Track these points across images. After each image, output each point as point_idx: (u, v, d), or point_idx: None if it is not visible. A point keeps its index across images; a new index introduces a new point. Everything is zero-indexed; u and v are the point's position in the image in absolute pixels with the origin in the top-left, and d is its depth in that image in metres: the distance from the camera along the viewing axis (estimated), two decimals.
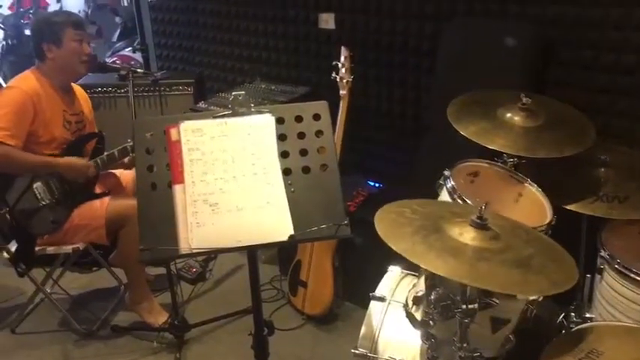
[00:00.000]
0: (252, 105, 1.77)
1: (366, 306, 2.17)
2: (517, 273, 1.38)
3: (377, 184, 3.32)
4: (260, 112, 1.75)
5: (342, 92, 2.98)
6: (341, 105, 2.97)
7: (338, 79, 2.96)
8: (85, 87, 3.16)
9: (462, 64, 2.87)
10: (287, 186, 1.68)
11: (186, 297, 3.15)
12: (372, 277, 2.29)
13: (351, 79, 2.94)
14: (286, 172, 1.69)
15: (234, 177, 1.68)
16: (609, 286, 2.10)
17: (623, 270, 2.02)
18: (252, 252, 1.79)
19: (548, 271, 1.43)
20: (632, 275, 1.98)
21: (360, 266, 2.89)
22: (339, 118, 2.95)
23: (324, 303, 2.93)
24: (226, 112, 1.76)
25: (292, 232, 1.62)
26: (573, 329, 1.60)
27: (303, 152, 1.72)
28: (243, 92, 1.79)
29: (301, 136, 1.74)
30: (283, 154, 1.71)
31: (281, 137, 1.73)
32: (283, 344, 2.81)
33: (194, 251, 1.60)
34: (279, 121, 1.74)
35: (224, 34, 4.08)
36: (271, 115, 1.74)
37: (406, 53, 3.21)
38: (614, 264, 2.05)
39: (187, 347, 2.82)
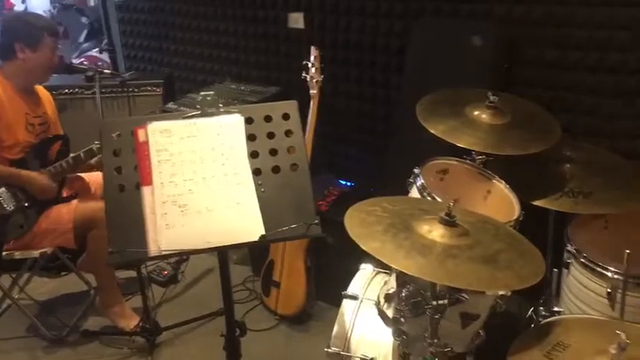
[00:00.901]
0: (221, 105, 1.77)
1: (339, 305, 2.17)
2: (485, 269, 1.40)
3: (348, 183, 3.33)
4: (229, 113, 1.74)
5: (312, 92, 2.98)
6: (311, 105, 2.97)
7: (308, 79, 2.97)
8: (51, 88, 3.10)
9: (430, 63, 2.90)
10: (257, 186, 1.67)
11: (157, 300, 3.11)
12: (345, 275, 2.30)
13: (321, 79, 2.94)
14: (256, 172, 1.69)
15: (204, 178, 1.67)
16: (576, 279, 2.14)
17: (589, 264, 2.06)
18: (222, 253, 1.78)
19: (516, 266, 1.46)
20: (598, 269, 2.03)
21: (332, 265, 2.90)
22: (309, 117, 2.96)
23: (297, 303, 2.93)
24: (195, 113, 1.74)
25: (263, 232, 1.62)
26: (541, 323, 1.63)
27: (273, 152, 1.72)
28: (211, 92, 1.78)
29: (271, 135, 1.74)
30: (253, 154, 1.71)
31: (250, 137, 1.72)
32: (257, 345, 2.80)
33: (163, 253, 1.59)
34: (249, 121, 1.73)
35: (193, 34, 4.05)
36: (240, 115, 1.74)
37: (375, 52, 3.23)
38: (581, 258, 2.10)
39: (159, 351, 2.79)
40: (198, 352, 2.77)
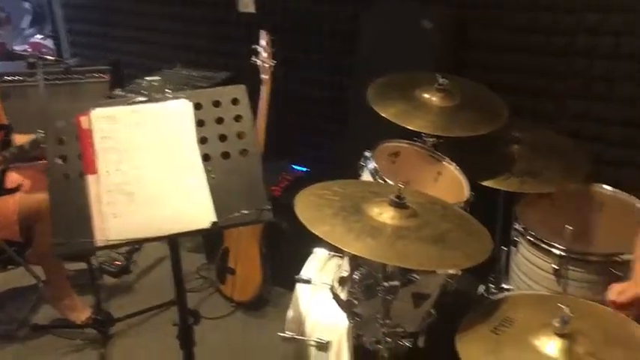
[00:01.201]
0: (169, 90, 1.73)
1: None
2: (434, 249, 1.42)
3: (302, 168, 3.33)
4: (176, 98, 1.70)
5: (264, 77, 2.95)
6: (263, 90, 2.95)
7: (259, 64, 2.94)
8: None
9: (381, 46, 2.91)
10: (207, 172, 1.64)
11: (109, 291, 3.05)
12: (300, 260, 2.30)
13: (272, 64, 2.92)
14: (206, 158, 1.66)
15: (152, 165, 1.63)
16: (524, 257, 2.20)
17: (536, 241, 2.12)
18: (173, 241, 1.75)
19: (464, 245, 1.48)
20: (544, 246, 2.09)
21: (288, 250, 2.90)
22: (261, 103, 2.93)
23: (253, 289, 2.93)
24: (141, 99, 1.70)
25: (214, 219, 1.60)
26: (488, 300, 1.67)
27: (222, 138, 1.69)
28: (158, 77, 1.74)
29: (220, 121, 1.70)
30: (202, 140, 1.67)
31: (199, 123, 1.69)
32: (213, 333, 2.79)
33: (111, 243, 1.55)
34: (197, 106, 1.70)
35: (141, 19, 3.95)
36: (188, 100, 1.70)
37: (327, 36, 3.21)
38: (528, 236, 2.16)
39: (112, 342, 2.75)
40: (152, 343, 2.73)
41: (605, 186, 2.33)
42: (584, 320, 1.38)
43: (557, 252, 2.00)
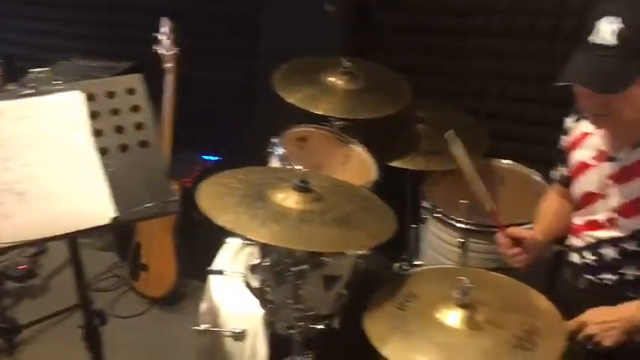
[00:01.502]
0: (59, 82, 1.64)
1: None
2: (338, 231, 1.43)
3: (213, 158, 3.27)
4: (67, 90, 1.62)
5: (168, 65, 2.88)
6: (167, 79, 2.87)
7: (161, 52, 2.85)
8: None
9: (285, 31, 2.89)
10: (104, 166, 1.58)
11: (14, 297, 2.89)
12: (214, 251, 2.27)
13: (175, 51, 2.84)
14: (102, 151, 1.59)
15: (44, 161, 1.54)
16: (432, 233, 2.27)
17: (442, 217, 2.19)
18: (72, 240, 1.67)
19: (368, 225, 1.51)
20: (450, 221, 2.16)
21: (202, 241, 2.84)
22: (166, 92, 2.85)
23: (167, 284, 2.86)
24: (28, 92, 1.60)
25: (115, 214, 1.54)
26: (395, 277, 1.71)
27: (119, 129, 1.62)
28: (47, 69, 1.65)
29: (115, 112, 1.64)
30: (97, 133, 1.60)
31: (93, 115, 1.61)
32: (129, 332, 2.71)
33: (3, 246, 1.46)
34: (90, 97, 1.62)
35: (32, 8, 3.71)
36: (80, 91, 1.62)
37: (232, 21, 3.15)
38: (435, 212, 2.22)
39: (21, 350, 2.63)
40: (62, 347, 2.58)
41: (504, 160, 2.43)
42: (484, 290, 1.44)
43: (462, 226, 2.07)
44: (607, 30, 1.38)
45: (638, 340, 1.49)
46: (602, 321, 1.50)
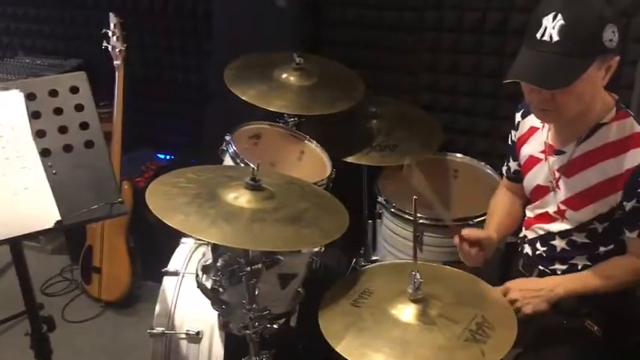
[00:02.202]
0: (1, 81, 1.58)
1: None
2: (291, 229, 1.42)
3: (167, 157, 3.21)
4: (5, 89, 1.55)
5: (117, 62, 2.80)
6: (117, 76, 2.80)
7: (110, 49, 2.78)
8: None
9: (237, 27, 2.85)
10: (47, 168, 1.52)
11: None
12: (170, 251, 2.22)
13: (124, 48, 2.77)
14: (44, 153, 1.53)
15: None
16: (388, 228, 2.28)
17: (397, 212, 2.20)
18: (15, 245, 1.60)
19: (321, 222, 1.49)
20: (405, 216, 2.17)
21: (157, 242, 2.76)
22: (116, 90, 2.78)
23: (121, 286, 2.79)
24: None
25: (59, 217, 1.48)
26: (349, 274, 1.70)
27: (63, 129, 1.57)
28: None
29: (58, 112, 1.58)
30: (39, 134, 1.54)
31: (34, 115, 1.55)
32: (82, 337, 2.64)
33: None
34: (30, 97, 1.56)
35: None
36: (19, 91, 1.55)
37: (182, 17, 3.10)
38: (390, 207, 2.23)
39: None
40: (11, 356, 2.52)
41: (457, 154, 2.46)
42: (437, 284, 1.45)
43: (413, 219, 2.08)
44: (550, 26, 1.40)
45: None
46: (525, 288, 1.56)
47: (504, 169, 1.91)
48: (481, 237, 1.72)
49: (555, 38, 1.40)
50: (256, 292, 1.62)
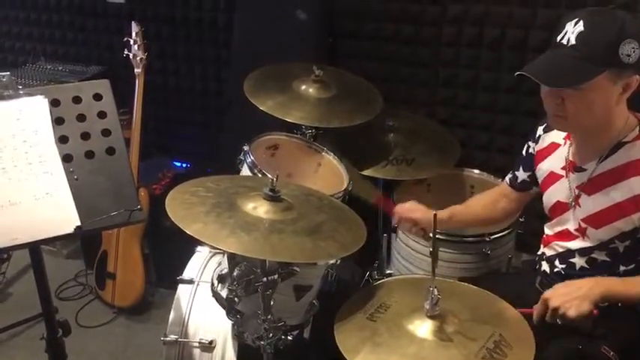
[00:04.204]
0: (21, 87, 1.60)
1: None
2: (308, 241, 1.42)
3: (184, 164, 3.23)
4: (30, 95, 1.57)
5: (137, 70, 2.83)
6: (137, 84, 2.82)
7: (131, 57, 2.81)
8: None
9: (257, 37, 2.87)
10: (69, 173, 1.54)
11: None
12: (185, 259, 2.22)
13: (144, 56, 2.80)
14: (67, 158, 1.55)
15: (4, 168, 1.49)
16: (403, 242, 2.27)
17: None
18: (34, 249, 1.62)
19: (338, 234, 1.49)
20: None
21: (171, 249, 2.79)
22: (136, 98, 2.81)
23: (135, 293, 2.80)
24: None
25: (78, 223, 1.50)
26: (365, 287, 1.69)
27: (85, 136, 1.59)
28: (7, 73, 1.59)
29: (81, 118, 1.60)
30: (62, 140, 1.56)
31: (57, 121, 1.57)
32: (95, 342, 2.65)
33: None
34: (54, 103, 1.58)
35: None
36: (44, 97, 1.57)
37: (202, 27, 3.12)
38: None
39: None
40: (24, 358, 2.54)
41: (474, 170, 2.45)
42: (454, 300, 1.44)
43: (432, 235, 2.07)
44: (570, 31, 1.44)
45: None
46: (562, 293, 1.51)
47: (509, 177, 1.92)
48: (415, 218, 1.86)
49: (572, 42, 1.44)
50: (271, 303, 1.62)
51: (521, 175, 1.86)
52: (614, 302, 1.52)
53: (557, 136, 1.69)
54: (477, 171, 2.45)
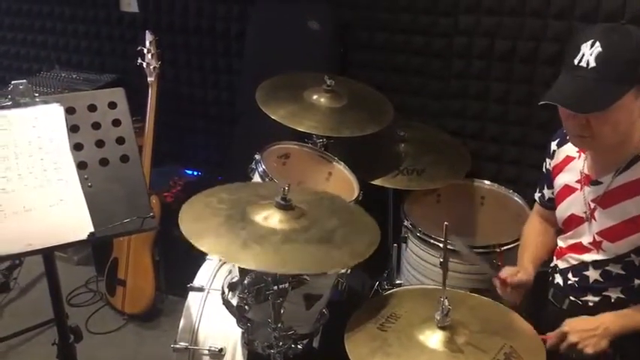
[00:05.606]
0: (37, 95, 1.62)
1: None
2: (321, 249, 1.42)
3: (195, 172, 3.25)
4: (46, 102, 1.60)
5: (150, 79, 2.87)
6: (150, 92, 2.85)
7: (145, 66, 2.84)
8: None
9: (269, 47, 2.89)
10: (83, 181, 1.56)
11: None
12: (195, 267, 2.24)
13: (158, 65, 2.84)
14: (81, 165, 1.57)
15: (19, 175, 1.52)
16: (413, 252, 2.27)
17: (423, 237, 2.19)
18: (48, 255, 1.64)
19: (352, 240, 1.49)
20: (431, 241, 2.16)
21: (182, 257, 2.78)
22: (148, 106, 2.83)
23: (145, 300, 2.82)
24: (6, 104, 1.58)
25: (92, 230, 1.51)
26: (375, 297, 1.70)
27: (100, 144, 1.61)
28: (24, 81, 1.62)
29: (96, 126, 1.62)
30: (76, 147, 1.58)
31: (73, 129, 1.59)
32: (104, 348, 2.66)
33: None
34: (70, 111, 1.60)
35: (13, 18, 3.68)
36: (59, 104, 1.60)
37: (215, 37, 3.15)
38: (416, 232, 2.22)
39: None
40: None
41: (485, 181, 2.45)
42: (465, 311, 1.44)
43: (443, 245, 2.07)
44: (588, 53, 1.42)
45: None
46: (582, 329, 1.52)
47: (537, 195, 1.89)
48: (523, 280, 1.69)
49: (592, 64, 1.42)
50: (282, 312, 1.62)
51: (547, 193, 1.84)
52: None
53: (571, 149, 1.69)
54: (487, 182, 2.44)
